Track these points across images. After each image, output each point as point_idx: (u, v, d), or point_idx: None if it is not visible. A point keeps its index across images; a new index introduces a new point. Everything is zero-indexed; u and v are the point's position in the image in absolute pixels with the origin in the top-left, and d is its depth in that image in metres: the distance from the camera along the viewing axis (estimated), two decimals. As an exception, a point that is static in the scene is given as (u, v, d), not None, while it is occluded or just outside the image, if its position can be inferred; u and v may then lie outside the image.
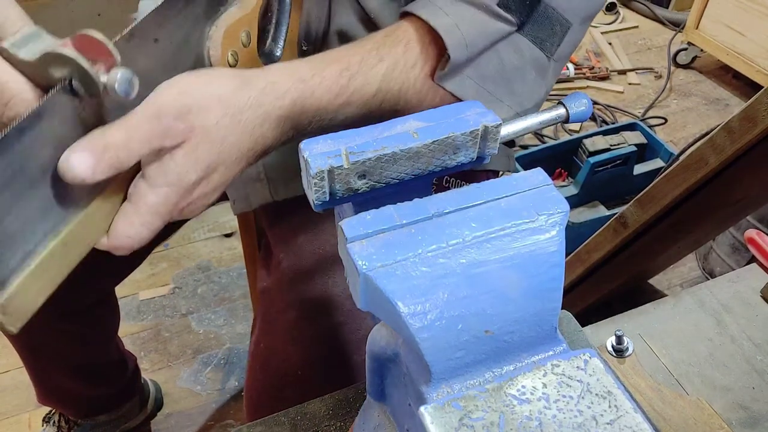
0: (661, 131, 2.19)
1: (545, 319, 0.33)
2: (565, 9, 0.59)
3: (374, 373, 0.39)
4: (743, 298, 0.73)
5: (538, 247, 0.33)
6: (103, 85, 0.40)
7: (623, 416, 0.29)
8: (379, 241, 0.32)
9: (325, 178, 0.39)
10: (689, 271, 1.69)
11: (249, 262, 1.18)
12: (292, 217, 0.75)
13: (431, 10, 0.55)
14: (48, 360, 0.99)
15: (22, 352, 0.97)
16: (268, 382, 0.66)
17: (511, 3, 0.57)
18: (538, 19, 0.59)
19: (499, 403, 0.30)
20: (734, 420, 0.62)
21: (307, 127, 0.52)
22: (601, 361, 0.31)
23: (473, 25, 0.56)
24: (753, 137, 0.79)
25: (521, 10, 0.58)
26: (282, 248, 0.75)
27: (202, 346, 1.50)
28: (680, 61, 2.48)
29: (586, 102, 0.60)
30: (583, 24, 0.62)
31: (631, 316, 0.72)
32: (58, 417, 1.19)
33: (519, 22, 0.58)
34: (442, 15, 0.55)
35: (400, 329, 0.32)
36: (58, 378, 1.03)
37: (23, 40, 0.40)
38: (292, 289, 0.71)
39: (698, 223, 0.99)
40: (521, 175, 0.36)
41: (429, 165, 0.42)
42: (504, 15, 0.57)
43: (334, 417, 0.55)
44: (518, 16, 0.58)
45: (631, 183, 1.78)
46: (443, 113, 0.43)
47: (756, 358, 0.67)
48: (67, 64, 0.39)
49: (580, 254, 1.17)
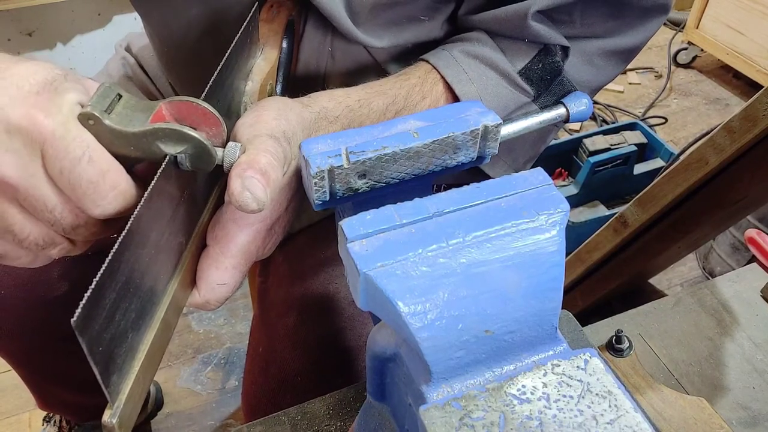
0: (661, 131, 2.19)
1: (545, 318, 0.33)
2: (578, 81, 0.61)
3: (374, 373, 0.39)
4: (743, 298, 0.73)
5: (539, 247, 0.33)
6: (218, 161, 0.38)
7: (623, 416, 0.29)
8: (379, 240, 0.32)
9: (326, 178, 0.39)
10: (689, 271, 1.69)
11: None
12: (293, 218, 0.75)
13: (455, 72, 0.56)
14: (47, 377, 0.98)
15: (19, 369, 0.95)
16: (267, 386, 0.65)
17: (532, 75, 0.58)
18: (552, 90, 0.60)
19: (499, 402, 0.30)
20: (734, 419, 0.62)
21: None
22: (601, 361, 0.31)
23: (495, 98, 0.57)
24: (753, 137, 0.79)
25: (540, 85, 0.59)
26: (282, 249, 0.75)
27: (202, 345, 1.50)
28: (680, 61, 2.48)
29: (586, 102, 0.60)
30: (591, 94, 0.64)
31: (631, 315, 0.72)
32: (58, 417, 1.19)
33: (536, 94, 0.59)
34: (466, 82, 0.56)
35: (400, 329, 0.32)
36: (57, 392, 1.02)
37: (103, 101, 0.35)
38: (292, 292, 0.70)
39: (698, 223, 0.99)
40: (521, 174, 0.36)
41: (429, 165, 0.42)
42: (523, 86, 0.58)
43: (334, 417, 0.55)
44: (536, 88, 0.59)
45: (631, 183, 1.78)
46: (443, 113, 0.43)
47: (756, 357, 0.67)
48: (184, 140, 0.36)
49: (580, 254, 1.17)
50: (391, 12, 0.58)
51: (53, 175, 0.34)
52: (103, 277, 0.30)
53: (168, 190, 0.37)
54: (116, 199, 0.35)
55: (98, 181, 0.34)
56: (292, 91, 0.55)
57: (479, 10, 0.59)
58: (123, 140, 0.36)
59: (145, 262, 0.35)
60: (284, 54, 0.55)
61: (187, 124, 0.37)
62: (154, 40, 0.71)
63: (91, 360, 0.29)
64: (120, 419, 0.32)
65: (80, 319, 0.28)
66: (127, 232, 0.32)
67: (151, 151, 0.36)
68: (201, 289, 0.42)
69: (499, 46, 0.58)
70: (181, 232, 0.40)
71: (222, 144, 0.39)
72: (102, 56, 1.82)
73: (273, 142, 0.40)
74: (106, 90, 0.36)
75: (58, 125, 0.33)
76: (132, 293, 0.33)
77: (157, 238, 0.36)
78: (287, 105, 0.45)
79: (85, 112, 0.34)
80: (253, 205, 0.37)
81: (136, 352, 0.35)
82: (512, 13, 0.55)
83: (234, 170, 0.37)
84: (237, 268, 0.42)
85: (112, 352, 0.32)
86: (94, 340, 0.30)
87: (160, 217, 0.36)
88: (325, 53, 0.60)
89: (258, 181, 0.37)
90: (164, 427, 1.35)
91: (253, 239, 0.43)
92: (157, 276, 0.37)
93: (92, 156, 0.34)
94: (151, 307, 0.37)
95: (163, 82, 0.78)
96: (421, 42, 0.62)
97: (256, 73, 0.51)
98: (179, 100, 0.37)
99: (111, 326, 0.31)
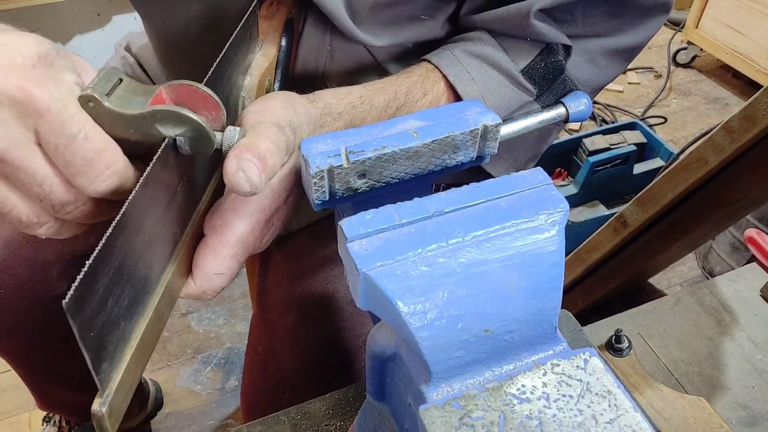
0: (660, 130, 2.19)
1: (545, 318, 0.33)
2: (579, 80, 0.61)
3: (374, 372, 0.39)
4: (743, 297, 0.73)
5: (538, 247, 0.33)
6: (216, 144, 0.38)
7: (623, 415, 0.29)
8: (378, 240, 0.32)
9: (325, 178, 0.39)
10: (689, 270, 1.70)
11: (248, 262, 1.18)
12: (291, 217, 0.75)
13: (458, 71, 0.56)
14: (47, 377, 0.98)
15: (19, 369, 0.95)
16: (267, 386, 0.65)
17: (535, 74, 0.58)
18: (554, 89, 0.60)
19: (499, 402, 0.30)
20: (734, 419, 0.62)
21: None
22: (600, 361, 0.31)
23: (497, 98, 0.57)
24: (752, 137, 0.79)
25: (542, 84, 0.59)
26: (281, 249, 0.75)
27: (202, 345, 1.50)
28: (680, 61, 2.48)
29: (586, 101, 0.60)
30: (592, 93, 0.64)
31: (631, 315, 0.72)
32: (58, 417, 1.19)
33: (538, 93, 0.59)
34: (469, 81, 0.56)
35: (399, 328, 0.32)
36: (57, 392, 1.01)
37: (104, 84, 0.35)
38: (292, 291, 0.70)
39: (698, 223, 0.99)
40: (521, 174, 0.36)
41: (429, 164, 0.42)
42: (526, 85, 0.58)
43: (334, 417, 0.55)
44: (539, 87, 0.59)
45: (631, 182, 1.78)
46: (443, 112, 0.43)
47: (756, 357, 0.67)
48: (182, 122, 0.36)
49: (580, 253, 1.17)
50: (391, 11, 0.58)
51: (48, 150, 0.34)
52: (96, 260, 0.30)
53: (165, 175, 0.37)
54: (111, 177, 0.35)
55: (93, 158, 0.34)
56: (290, 89, 0.55)
57: (481, 9, 0.59)
58: (122, 123, 0.35)
59: (139, 249, 0.34)
60: (283, 51, 0.55)
61: (187, 107, 0.37)
62: (153, 38, 0.71)
63: (82, 345, 0.29)
64: (110, 408, 0.32)
65: (72, 301, 0.28)
66: (121, 217, 0.32)
67: (150, 133, 0.36)
68: (197, 278, 0.41)
69: (501, 45, 0.58)
70: (178, 220, 0.40)
71: (221, 129, 0.39)
72: (102, 56, 1.82)
73: (276, 129, 0.40)
74: (108, 73, 0.36)
75: (54, 100, 0.33)
76: (125, 280, 0.33)
77: (152, 225, 0.36)
78: (295, 98, 0.45)
79: (86, 95, 0.34)
80: (245, 187, 0.37)
81: (128, 340, 0.34)
82: (514, 12, 0.55)
83: (232, 152, 0.37)
84: (235, 258, 0.42)
85: (104, 338, 0.31)
86: (86, 324, 0.29)
87: (157, 203, 0.36)
88: (324, 52, 0.60)
89: (254, 165, 0.37)
90: (164, 427, 1.35)
91: (252, 230, 0.42)
92: (151, 264, 0.37)
93: (88, 134, 0.34)
94: (144, 295, 0.36)
95: (163, 81, 0.78)
96: (422, 41, 0.62)
97: (254, 69, 0.51)
98: (179, 84, 0.37)
99: (103, 312, 0.31)
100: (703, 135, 0.96)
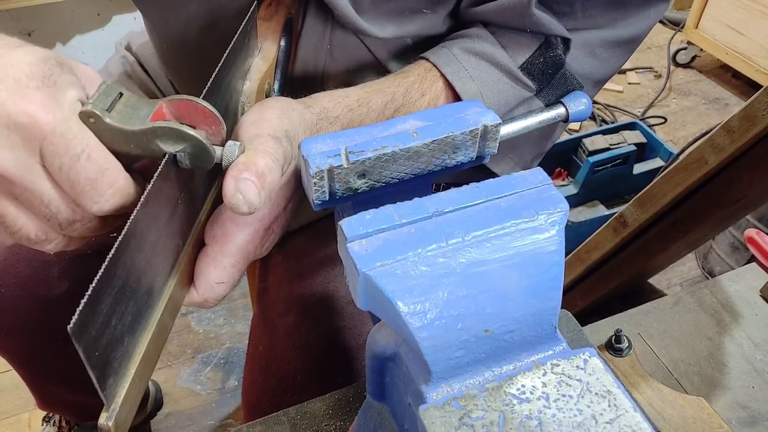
0: (660, 130, 2.19)
1: (545, 318, 0.33)
2: (580, 74, 0.61)
3: (374, 372, 0.39)
4: (743, 297, 0.73)
5: (538, 247, 0.33)
6: (216, 159, 0.38)
7: (623, 415, 0.29)
8: (378, 240, 0.32)
9: (325, 178, 0.39)
10: (689, 270, 1.70)
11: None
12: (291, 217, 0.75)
13: (455, 69, 0.56)
14: (47, 377, 0.98)
15: (19, 369, 0.95)
16: (268, 386, 0.65)
17: (533, 69, 0.58)
18: (555, 84, 0.60)
19: (498, 402, 0.30)
20: (734, 419, 0.62)
21: None
22: (600, 361, 0.31)
23: (496, 95, 0.57)
24: (752, 136, 0.79)
25: (542, 79, 0.59)
26: (281, 249, 0.75)
27: (201, 345, 1.50)
28: (680, 61, 2.48)
29: (586, 101, 0.60)
30: (594, 87, 0.64)
31: (631, 315, 0.72)
32: (58, 417, 1.19)
33: (538, 88, 0.59)
34: (467, 79, 0.56)
35: (399, 328, 0.32)
36: (57, 391, 1.01)
37: (105, 99, 0.35)
38: (292, 291, 0.70)
39: (698, 223, 0.99)
40: (521, 174, 0.36)
41: (429, 164, 0.42)
42: (525, 81, 0.58)
43: (334, 417, 0.55)
44: (538, 83, 0.59)
45: (631, 182, 1.78)
46: (443, 112, 0.43)
47: (755, 357, 0.67)
48: (182, 139, 0.36)
49: (580, 253, 1.17)
50: (393, 3, 0.58)
51: (52, 171, 0.34)
52: (99, 282, 0.30)
53: (166, 191, 0.37)
54: (114, 196, 0.36)
55: (96, 178, 0.35)
56: (290, 90, 0.55)
57: (481, 2, 0.59)
58: (123, 138, 0.36)
59: (141, 265, 0.35)
60: (282, 52, 0.55)
61: (187, 122, 0.37)
62: (154, 37, 0.71)
63: (88, 365, 0.29)
64: (116, 422, 0.32)
65: (77, 325, 0.28)
66: (124, 236, 0.32)
67: (151, 149, 0.36)
68: (199, 287, 0.42)
69: (499, 41, 0.58)
70: (179, 232, 0.40)
71: (221, 143, 0.39)
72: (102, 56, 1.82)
73: (274, 142, 0.40)
74: (107, 88, 0.36)
75: (58, 122, 0.33)
76: (128, 297, 0.33)
77: (154, 240, 0.36)
78: (290, 105, 0.45)
79: (86, 111, 0.34)
80: (244, 208, 0.37)
81: (132, 354, 0.35)
82: (515, 1, 0.55)
83: (230, 171, 0.37)
84: (235, 267, 0.42)
85: (109, 356, 0.32)
86: (91, 345, 0.30)
87: (158, 218, 0.36)
88: (323, 51, 0.60)
89: (253, 184, 0.37)
90: (164, 427, 1.35)
91: (252, 239, 0.43)
92: (153, 278, 0.37)
93: (91, 153, 0.34)
94: (147, 309, 0.37)
95: (163, 80, 0.78)
96: (424, 36, 0.62)
97: (253, 72, 0.51)
98: (179, 99, 0.37)
99: (107, 331, 0.31)
100: (702, 135, 0.96)
